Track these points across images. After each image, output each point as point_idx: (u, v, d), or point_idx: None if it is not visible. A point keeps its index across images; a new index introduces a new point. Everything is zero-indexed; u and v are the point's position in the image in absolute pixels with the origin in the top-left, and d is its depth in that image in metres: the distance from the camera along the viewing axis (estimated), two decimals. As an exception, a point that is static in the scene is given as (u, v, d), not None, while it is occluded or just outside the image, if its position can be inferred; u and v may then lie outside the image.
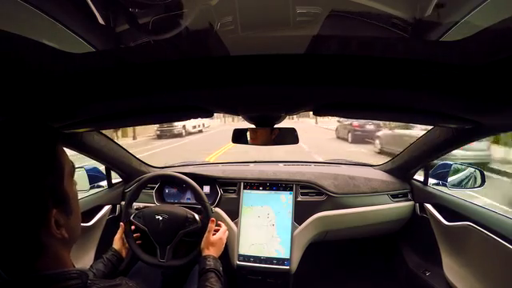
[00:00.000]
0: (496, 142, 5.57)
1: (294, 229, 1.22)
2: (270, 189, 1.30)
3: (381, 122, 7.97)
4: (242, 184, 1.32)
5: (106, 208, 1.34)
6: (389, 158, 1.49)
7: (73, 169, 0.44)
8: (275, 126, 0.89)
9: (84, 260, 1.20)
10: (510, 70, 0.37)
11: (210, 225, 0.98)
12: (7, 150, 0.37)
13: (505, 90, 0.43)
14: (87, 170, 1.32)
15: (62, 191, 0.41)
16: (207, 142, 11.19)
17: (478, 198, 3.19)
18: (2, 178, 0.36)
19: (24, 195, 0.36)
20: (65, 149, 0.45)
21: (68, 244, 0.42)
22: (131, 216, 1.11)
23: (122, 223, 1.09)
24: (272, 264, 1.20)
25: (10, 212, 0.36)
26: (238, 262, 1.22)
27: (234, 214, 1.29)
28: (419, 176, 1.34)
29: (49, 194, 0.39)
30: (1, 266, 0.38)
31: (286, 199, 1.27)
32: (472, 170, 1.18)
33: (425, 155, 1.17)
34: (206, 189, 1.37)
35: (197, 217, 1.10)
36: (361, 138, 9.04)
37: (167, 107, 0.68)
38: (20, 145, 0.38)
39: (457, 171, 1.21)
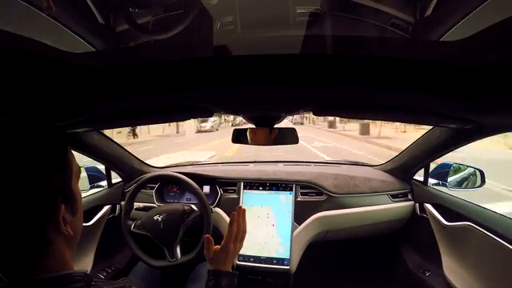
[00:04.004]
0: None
1: (293, 229, 1.22)
2: (270, 189, 1.30)
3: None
4: (242, 184, 1.32)
5: (106, 208, 1.34)
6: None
7: (79, 171, 0.45)
8: (275, 125, 0.89)
9: (84, 260, 1.21)
10: (510, 70, 0.37)
11: (206, 239, 0.73)
12: (21, 146, 0.37)
13: (504, 90, 0.43)
14: (87, 170, 1.32)
15: (70, 189, 0.42)
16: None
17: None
18: (15, 171, 0.36)
19: (35, 189, 0.37)
20: None
21: (71, 243, 0.43)
22: (131, 227, 1.11)
23: None
24: (272, 264, 1.20)
25: (19, 205, 0.36)
26: (238, 262, 1.22)
27: (234, 214, 1.28)
28: (419, 176, 1.34)
29: (58, 190, 0.39)
30: (2, 265, 0.37)
31: (285, 199, 1.27)
32: (472, 170, 1.18)
33: (425, 155, 1.16)
34: (206, 189, 1.37)
35: (193, 206, 1.12)
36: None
37: (167, 107, 0.68)
38: (33, 141, 0.39)
39: (457, 171, 1.21)
